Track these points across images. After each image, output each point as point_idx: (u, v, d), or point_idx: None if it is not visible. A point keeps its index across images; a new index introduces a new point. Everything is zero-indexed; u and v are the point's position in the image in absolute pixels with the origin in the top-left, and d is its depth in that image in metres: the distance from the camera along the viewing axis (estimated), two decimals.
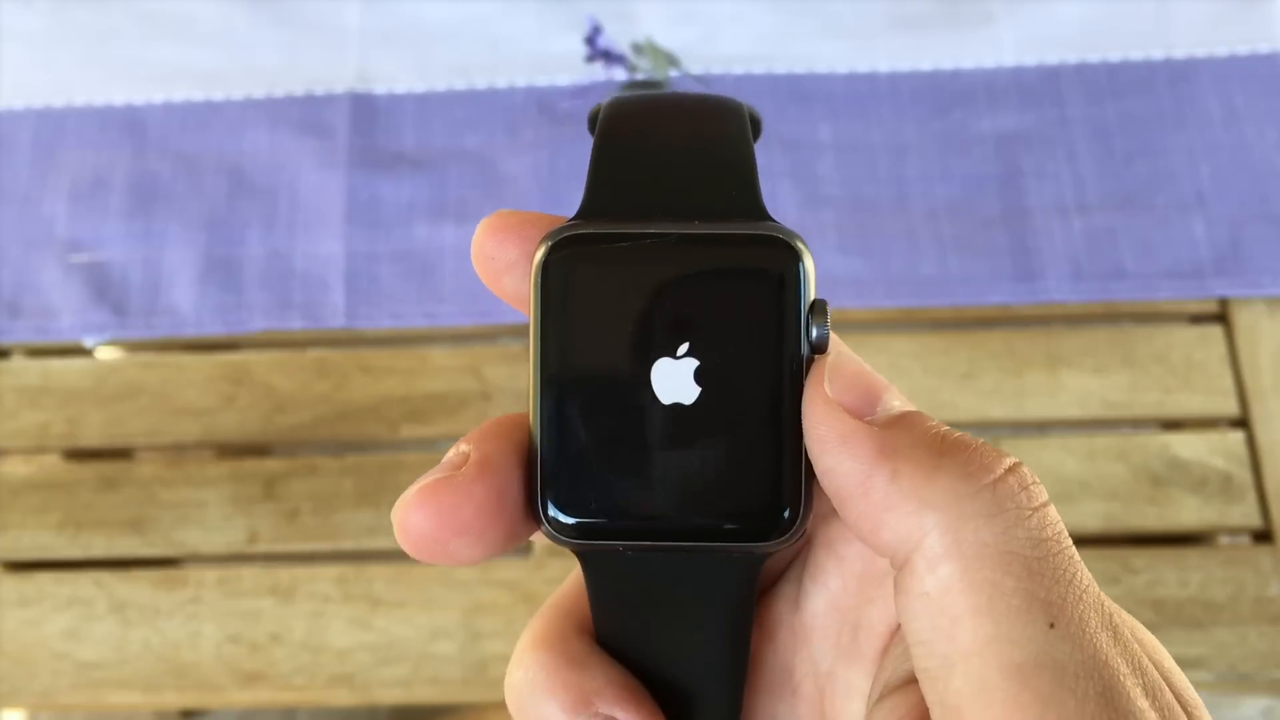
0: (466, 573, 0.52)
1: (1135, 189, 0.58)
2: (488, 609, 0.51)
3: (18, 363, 0.57)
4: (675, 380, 0.21)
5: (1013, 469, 0.19)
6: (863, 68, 0.62)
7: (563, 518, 0.21)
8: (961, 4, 0.63)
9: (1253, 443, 0.53)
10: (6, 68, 0.63)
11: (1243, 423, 0.54)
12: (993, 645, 0.18)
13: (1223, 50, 0.61)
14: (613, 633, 0.22)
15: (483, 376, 0.56)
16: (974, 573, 0.18)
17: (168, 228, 0.59)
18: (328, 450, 0.55)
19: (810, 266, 0.21)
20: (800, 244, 0.21)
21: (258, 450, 0.56)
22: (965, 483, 0.19)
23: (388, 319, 0.57)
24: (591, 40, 0.63)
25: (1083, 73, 0.61)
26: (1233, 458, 0.53)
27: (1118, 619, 0.19)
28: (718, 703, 0.22)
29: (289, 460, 0.55)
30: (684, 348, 0.21)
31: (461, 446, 0.21)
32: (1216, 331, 0.55)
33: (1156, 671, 0.19)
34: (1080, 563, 0.19)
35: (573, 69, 0.62)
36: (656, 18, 0.63)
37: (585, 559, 0.22)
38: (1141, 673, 0.18)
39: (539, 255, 0.21)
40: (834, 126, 0.60)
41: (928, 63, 0.62)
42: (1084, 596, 0.18)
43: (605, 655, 0.22)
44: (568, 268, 0.21)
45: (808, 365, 0.21)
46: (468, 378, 0.56)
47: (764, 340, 0.21)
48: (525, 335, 0.22)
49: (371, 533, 0.53)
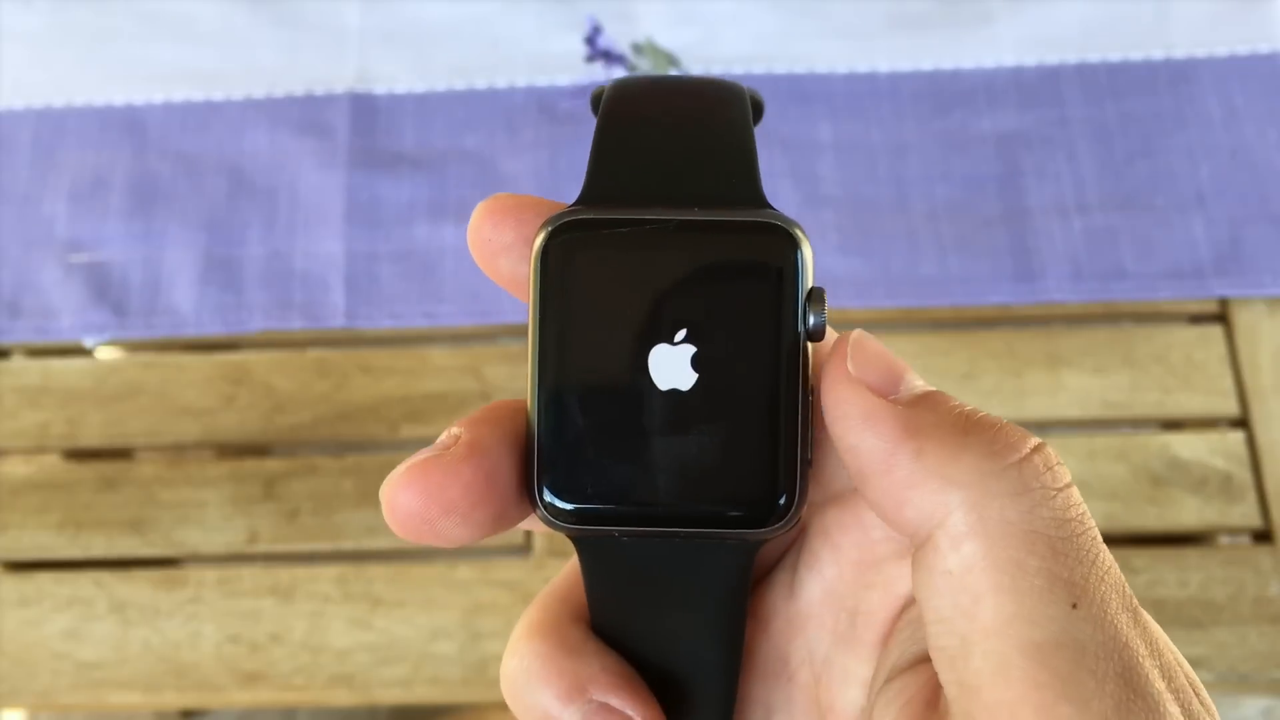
0: (466, 573, 0.52)
1: (1135, 189, 0.58)
2: (488, 609, 0.51)
3: (18, 363, 0.57)
4: (672, 366, 0.21)
5: (1038, 449, 0.19)
6: (863, 68, 0.62)
7: (559, 503, 0.21)
8: (961, 4, 0.63)
9: (1253, 443, 0.53)
10: (6, 68, 0.63)
11: (1243, 423, 0.54)
12: (1014, 624, 0.18)
13: (1223, 50, 0.61)
14: (608, 620, 0.22)
15: (483, 376, 0.56)
16: (998, 551, 0.18)
17: (168, 228, 0.59)
18: (328, 450, 0.55)
19: (809, 254, 0.21)
20: (799, 232, 0.21)
21: (258, 450, 0.56)
22: (990, 461, 0.19)
23: (388, 319, 0.57)
24: (591, 40, 0.63)
25: (1083, 73, 0.61)
26: (1233, 458, 0.53)
27: (1136, 602, 0.19)
28: (713, 690, 0.22)
29: (289, 460, 0.55)
30: (682, 334, 0.21)
31: (454, 429, 0.21)
32: (1216, 331, 0.55)
33: (1171, 655, 0.19)
34: (1102, 544, 0.19)
35: (573, 69, 0.62)
36: (656, 18, 0.63)
37: (581, 545, 0.22)
38: (1159, 655, 0.18)
39: (539, 241, 0.21)
40: (834, 126, 0.60)
41: (928, 63, 0.62)
42: (1106, 578, 0.18)
43: (600, 643, 0.22)
44: (567, 253, 0.21)
45: (804, 352, 0.21)
46: (468, 378, 0.56)
47: (761, 327, 0.21)
48: (525, 336, 0.22)
49: (372, 533, 0.53)
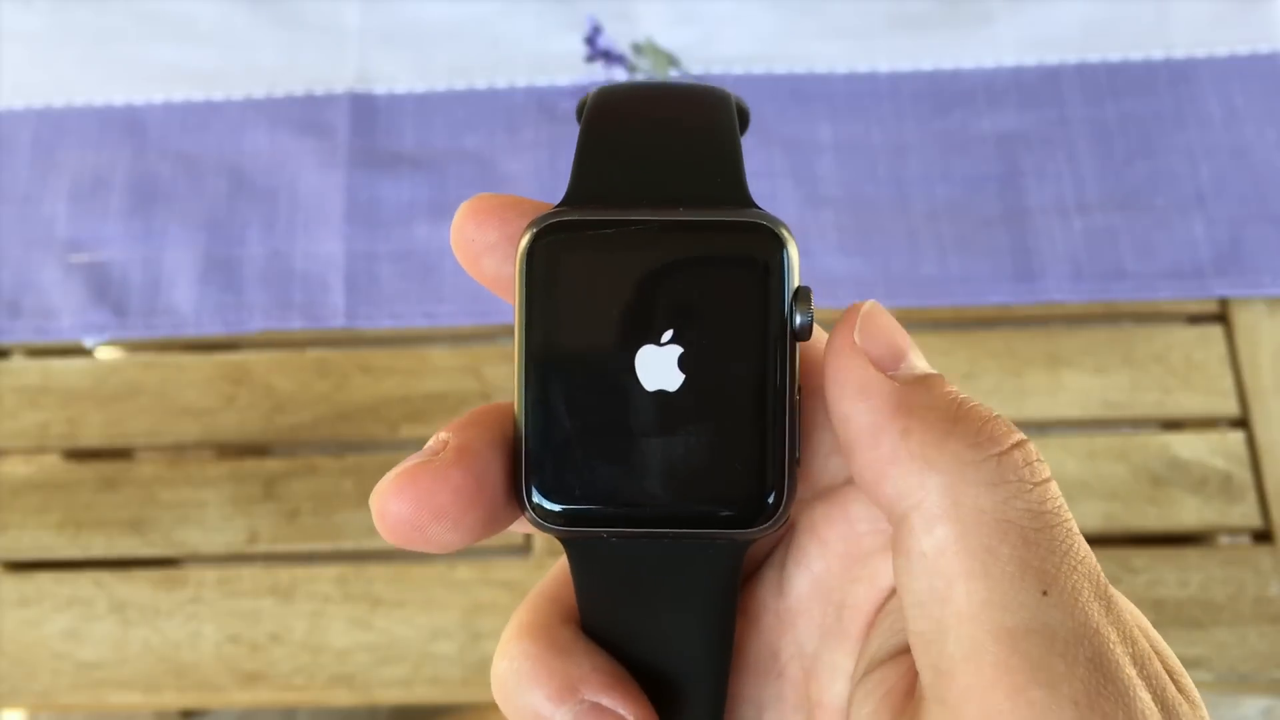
0: (466, 573, 0.52)
1: (1135, 189, 0.58)
2: (488, 609, 0.51)
3: (18, 363, 0.57)
4: (659, 367, 0.21)
5: (1019, 444, 0.19)
6: (863, 68, 0.62)
7: (547, 504, 0.21)
8: (961, 4, 0.63)
9: (1253, 443, 0.53)
10: (6, 68, 0.63)
11: (1243, 423, 0.54)
12: (986, 609, 0.18)
13: (1223, 50, 0.61)
14: (598, 620, 0.22)
15: (483, 376, 0.56)
16: (970, 537, 0.18)
17: (168, 228, 0.59)
18: (328, 450, 0.55)
19: (794, 253, 0.21)
20: (784, 231, 0.21)
21: (258, 450, 0.56)
22: (972, 451, 0.19)
23: (388, 319, 0.57)
24: (591, 40, 0.63)
25: (1083, 73, 0.61)
26: (1233, 458, 0.53)
27: (1112, 591, 0.19)
28: (704, 688, 0.22)
29: (289, 460, 0.55)
30: (668, 335, 0.21)
31: (442, 434, 0.21)
32: (1216, 331, 0.55)
33: (1147, 642, 0.19)
34: (1079, 536, 0.19)
35: (573, 69, 0.62)
36: (656, 18, 0.63)
37: (570, 546, 0.22)
38: (1132, 642, 0.18)
39: (524, 242, 0.21)
40: (834, 126, 0.60)
41: (928, 63, 0.62)
42: (1079, 567, 0.18)
43: (591, 643, 0.22)
44: (552, 254, 0.21)
45: (792, 352, 0.21)
46: (468, 378, 0.56)
47: (748, 327, 0.21)
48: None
49: (372, 533, 0.53)
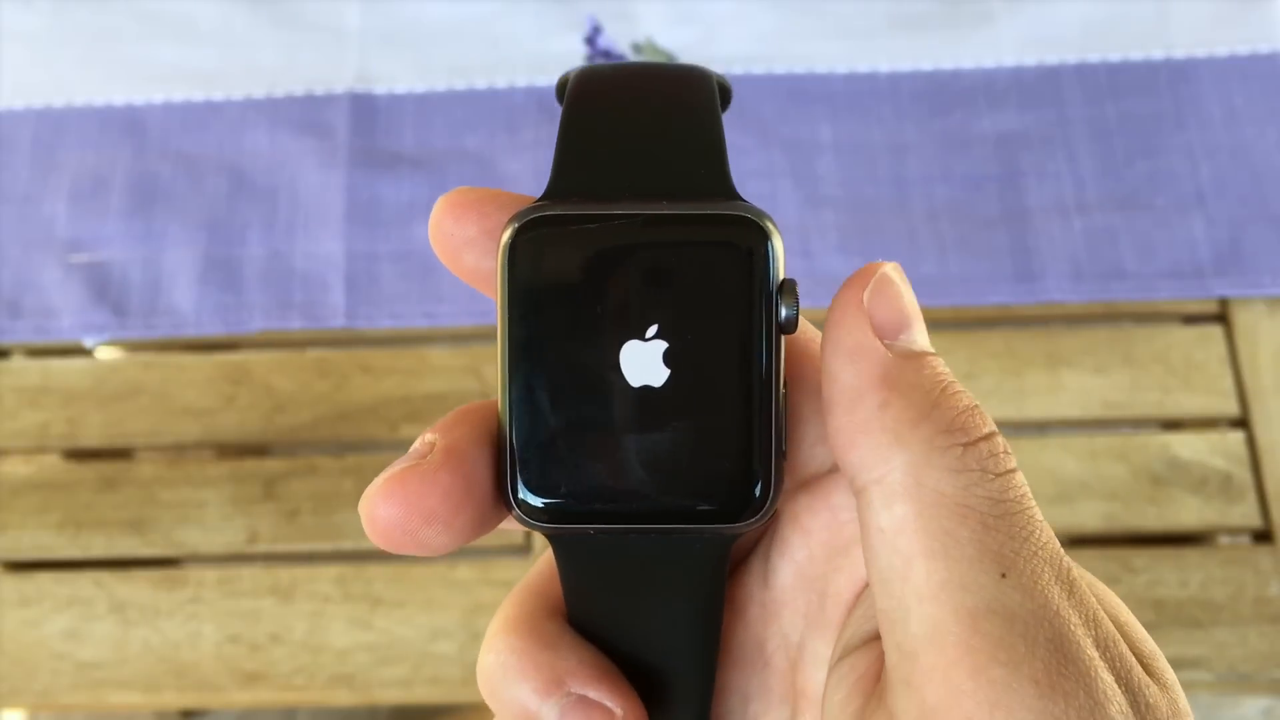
0: (466, 573, 0.52)
1: (1135, 189, 0.58)
2: (488, 609, 0.51)
3: (18, 363, 0.57)
4: (644, 363, 0.21)
5: (989, 436, 0.19)
6: (863, 68, 0.62)
7: (532, 501, 0.21)
8: (961, 4, 0.63)
9: (1253, 443, 0.53)
10: (6, 68, 0.63)
11: (1243, 423, 0.54)
12: (946, 589, 0.18)
13: (1223, 50, 0.61)
14: (585, 614, 0.22)
15: (482, 376, 0.56)
16: (928, 518, 0.19)
17: (168, 228, 0.59)
18: (328, 450, 0.55)
19: (779, 245, 0.21)
20: (769, 223, 0.21)
21: (258, 450, 0.56)
22: (943, 436, 0.19)
23: (388, 319, 0.57)
24: (591, 40, 0.63)
25: (1083, 73, 0.61)
26: (1233, 458, 0.53)
27: (1075, 574, 0.19)
28: (691, 680, 0.22)
29: (289, 460, 0.55)
30: (653, 330, 0.21)
31: (428, 436, 0.21)
32: (1216, 331, 0.55)
33: (1113, 625, 0.19)
34: (1042, 524, 0.19)
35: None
36: (656, 18, 0.63)
37: (556, 542, 0.22)
38: (1095, 625, 0.18)
39: (506, 237, 0.21)
40: (834, 126, 0.60)
41: (928, 63, 0.62)
42: (1039, 552, 0.19)
43: (578, 636, 0.22)
44: (535, 250, 0.21)
45: (777, 345, 0.21)
46: (468, 378, 0.56)
47: (733, 321, 0.21)
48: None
49: None
